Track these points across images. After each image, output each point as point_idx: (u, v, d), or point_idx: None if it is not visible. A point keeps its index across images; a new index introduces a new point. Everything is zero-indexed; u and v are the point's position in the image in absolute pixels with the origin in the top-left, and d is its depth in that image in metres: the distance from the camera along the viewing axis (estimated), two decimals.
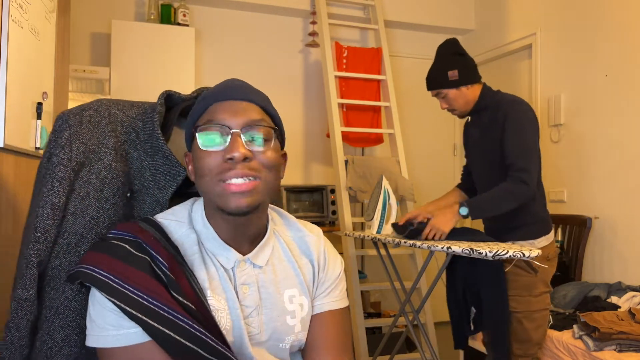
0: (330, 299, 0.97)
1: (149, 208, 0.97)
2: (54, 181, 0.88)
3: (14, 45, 1.52)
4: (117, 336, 0.77)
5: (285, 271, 0.94)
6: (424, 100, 4.26)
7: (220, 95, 0.87)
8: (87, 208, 0.90)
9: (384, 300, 3.81)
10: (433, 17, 4.08)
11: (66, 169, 0.89)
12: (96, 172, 0.92)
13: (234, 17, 3.76)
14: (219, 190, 0.82)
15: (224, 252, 0.88)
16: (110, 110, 0.98)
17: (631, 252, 2.80)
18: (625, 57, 2.86)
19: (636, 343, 2.03)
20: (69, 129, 0.92)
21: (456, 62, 2.05)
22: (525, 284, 1.94)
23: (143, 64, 3.21)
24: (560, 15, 3.31)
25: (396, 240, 2.11)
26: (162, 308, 0.76)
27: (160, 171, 0.97)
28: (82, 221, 0.90)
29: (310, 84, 3.91)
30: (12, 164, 1.56)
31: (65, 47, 2.16)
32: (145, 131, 0.98)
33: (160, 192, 0.97)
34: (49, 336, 0.87)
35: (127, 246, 0.82)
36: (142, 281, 0.78)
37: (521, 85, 3.68)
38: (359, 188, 3.16)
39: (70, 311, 0.88)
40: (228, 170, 0.81)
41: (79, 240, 0.89)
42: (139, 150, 0.97)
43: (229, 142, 0.82)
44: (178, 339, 0.75)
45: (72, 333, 0.87)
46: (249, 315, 0.88)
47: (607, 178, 2.95)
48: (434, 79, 2.10)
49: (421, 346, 2.34)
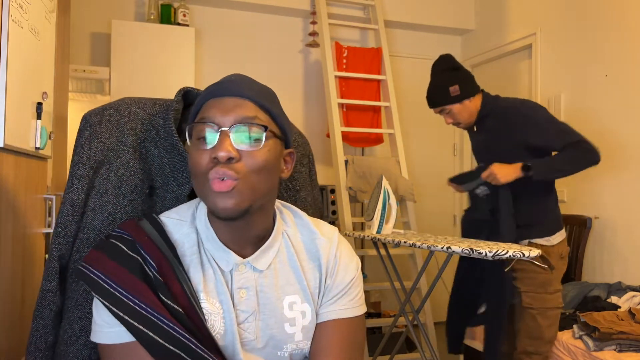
0: (337, 307, 0.90)
1: (170, 204, 0.98)
2: (74, 179, 0.93)
3: (14, 45, 1.52)
4: (110, 333, 0.78)
5: (287, 276, 0.89)
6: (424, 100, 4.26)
7: (215, 91, 0.83)
8: (105, 204, 0.94)
9: (384, 300, 3.80)
10: (433, 17, 4.08)
11: (85, 167, 0.94)
12: (115, 170, 0.95)
13: (234, 17, 3.76)
14: (206, 191, 0.80)
15: (222, 254, 0.86)
16: (130, 108, 1.01)
17: (631, 252, 2.80)
18: (625, 57, 2.86)
19: (636, 343, 2.03)
20: (90, 128, 0.96)
21: (455, 77, 2.08)
22: (542, 281, 1.98)
23: (143, 64, 3.21)
24: (560, 15, 3.31)
25: (396, 240, 2.11)
26: (148, 310, 0.76)
27: (178, 168, 0.98)
28: (100, 217, 0.93)
29: (310, 84, 3.90)
30: (12, 164, 1.56)
31: (65, 47, 2.16)
32: (165, 129, 0.99)
33: (180, 189, 0.98)
34: (69, 326, 0.92)
35: (123, 246, 0.82)
36: (130, 282, 0.78)
37: (521, 85, 3.68)
38: (359, 188, 3.16)
39: (88, 303, 0.91)
40: (210, 170, 0.78)
41: (96, 235, 0.93)
42: (159, 148, 0.99)
43: (216, 140, 0.78)
44: (162, 343, 0.75)
45: (88, 324, 0.90)
46: (244, 320, 0.85)
47: (607, 178, 2.95)
48: (436, 96, 2.12)
49: (421, 346, 2.34)
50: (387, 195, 2.42)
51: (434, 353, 2.32)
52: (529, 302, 1.98)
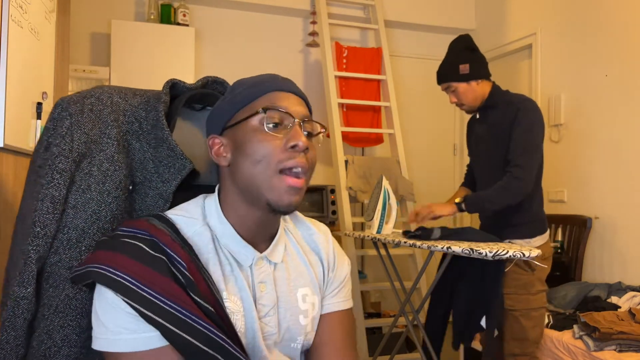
0: (338, 299, 0.96)
1: (152, 202, 0.92)
2: (54, 173, 0.83)
3: (14, 45, 1.52)
4: (132, 340, 0.73)
5: (298, 269, 0.91)
6: (424, 100, 4.27)
7: (280, 85, 0.87)
8: (89, 201, 0.85)
9: (384, 300, 3.80)
10: (433, 17, 4.08)
11: (67, 160, 0.84)
12: (98, 164, 0.87)
13: (234, 17, 3.76)
14: (275, 183, 0.80)
15: (242, 249, 0.85)
16: (112, 98, 0.93)
17: (631, 252, 2.80)
18: (625, 57, 2.86)
19: (636, 343, 2.03)
20: (70, 117, 0.87)
21: (467, 56, 2.07)
22: (524, 282, 1.96)
23: (143, 64, 3.21)
24: (560, 15, 3.31)
25: (396, 240, 2.11)
26: (181, 312, 0.73)
27: (164, 163, 0.92)
28: (83, 215, 0.85)
29: (310, 84, 3.91)
30: (11, 164, 1.56)
31: (65, 47, 2.16)
32: (148, 121, 0.93)
33: (164, 186, 0.92)
34: (47, 336, 0.83)
35: (143, 245, 0.77)
36: (160, 283, 0.74)
37: (521, 85, 3.68)
38: (359, 188, 3.16)
39: (71, 310, 0.84)
40: (289, 158, 0.80)
41: (80, 235, 0.84)
42: (141, 141, 0.93)
43: (291, 130, 0.82)
44: (197, 345, 0.72)
45: (71, 333, 0.83)
46: (266, 314, 0.85)
47: (607, 178, 2.95)
48: (444, 72, 2.12)
49: (421, 346, 2.34)
50: (387, 195, 2.41)
51: (434, 353, 2.32)
52: (511, 304, 1.96)
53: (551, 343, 2.28)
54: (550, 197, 3.31)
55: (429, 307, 2.27)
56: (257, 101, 0.84)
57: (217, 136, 0.87)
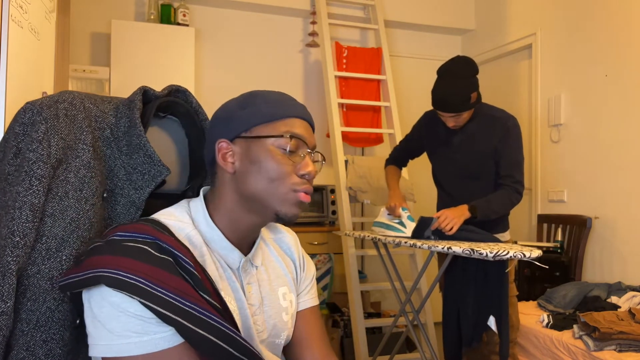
0: (310, 295, 1.03)
1: (122, 209, 0.91)
2: (32, 179, 0.79)
3: (14, 45, 1.52)
4: (141, 343, 0.72)
5: (276, 270, 0.98)
6: (424, 100, 4.26)
7: (300, 112, 0.91)
8: (67, 209, 0.82)
9: (384, 300, 3.81)
10: (433, 17, 4.08)
11: (46, 166, 0.80)
12: (74, 170, 0.84)
13: (234, 17, 3.76)
14: (290, 197, 0.86)
15: (230, 252, 0.88)
16: (84, 103, 0.91)
17: (631, 252, 2.80)
18: (625, 57, 2.86)
19: (636, 343, 2.03)
20: (45, 122, 0.83)
21: (475, 84, 2.09)
22: None
23: (143, 64, 3.21)
24: (560, 15, 3.31)
25: (396, 240, 2.11)
26: (194, 308, 0.74)
27: (138, 170, 0.90)
28: (61, 223, 0.82)
29: (310, 84, 3.90)
30: None
31: (65, 47, 2.15)
32: (119, 128, 0.91)
33: (136, 193, 0.91)
34: (27, 352, 0.78)
35: (147, 247, 0.77)
36: (171, 282, 0.74)
37: (521, 85, 3.68)
38: (359, 188, 3.16)
39: (54, 323, 0.80)
40: (302, 184, 0.87)
41: (59, 244, 0.81)
42: (112, 148, 0.91)
43: (304, 158, 0.88)
44: (212, 339, 0.73)
45: (55, 346, 0.80)
46: (254, 313, 0.90)
47: (607, 178, 2.95)
48: (457, 103, 2.05)
49: (421, 346, 2.34)
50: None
51: (434, 353, 2.32)
52: None
53: (551, 343, 2.29)
54: (550, 197, 3.32)
55: (444, 311, 2.30)
56: (279, 122, 0.88)
57: (228, 142, 0.88)
